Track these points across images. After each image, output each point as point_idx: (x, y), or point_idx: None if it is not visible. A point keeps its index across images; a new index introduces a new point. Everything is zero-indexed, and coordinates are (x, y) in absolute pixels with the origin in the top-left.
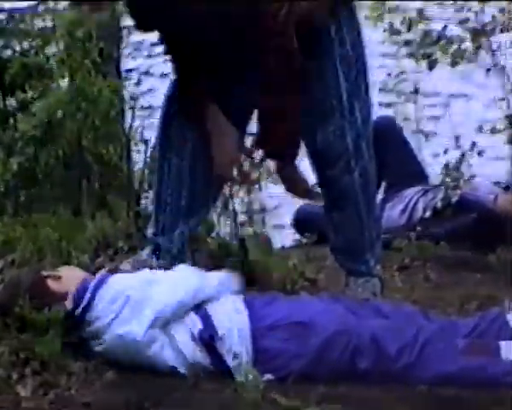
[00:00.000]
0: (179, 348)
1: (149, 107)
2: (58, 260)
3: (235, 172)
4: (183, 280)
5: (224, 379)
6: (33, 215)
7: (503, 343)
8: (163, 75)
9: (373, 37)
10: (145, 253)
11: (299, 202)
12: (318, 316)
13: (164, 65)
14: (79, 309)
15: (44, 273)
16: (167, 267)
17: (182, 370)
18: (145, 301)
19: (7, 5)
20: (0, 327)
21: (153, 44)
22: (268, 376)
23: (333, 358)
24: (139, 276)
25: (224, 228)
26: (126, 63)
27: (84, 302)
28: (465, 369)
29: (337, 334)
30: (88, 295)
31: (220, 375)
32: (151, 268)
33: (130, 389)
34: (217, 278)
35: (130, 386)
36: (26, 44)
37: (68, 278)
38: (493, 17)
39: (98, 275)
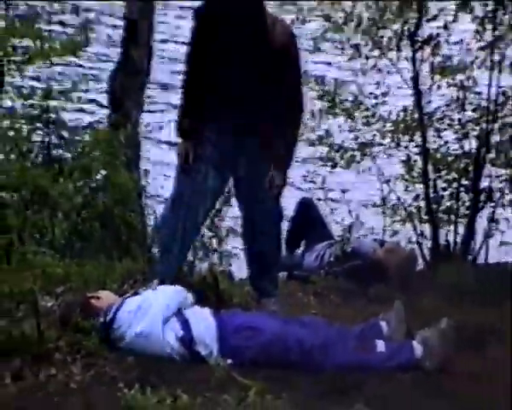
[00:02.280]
0: (170, 343)
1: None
2: (98, 287)
3: None
4: (170, 292)
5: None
6: (84, 259)
7: (378, 342)
8: None
9: None
10: (155, 282)
11: None
12: (263, 324)
13: None
14: (107, 320)
15: (89, 295)
16: None
17: (175, 357)
18: (150, 307)
19: None
20: (61, 329)
21: None
22: (229, 361)
23: (272, 352)
24: (144, 295)
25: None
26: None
27: (110, 316)
28: (355, 360)
29: (275, 336)
30: (113, 310)
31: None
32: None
33: (144, 368)
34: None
35: (144, 366)
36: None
37: (104, 298)
38: (373, 135)
39: (121, 298)
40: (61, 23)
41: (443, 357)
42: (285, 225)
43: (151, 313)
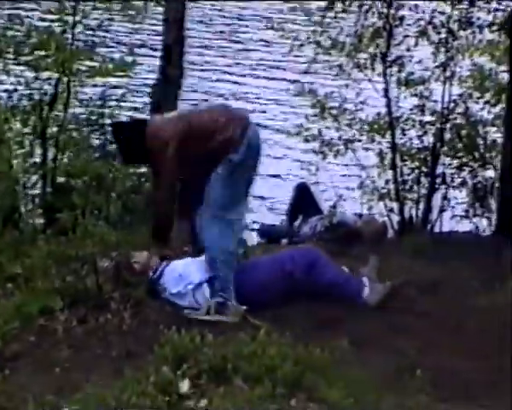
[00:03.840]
0: (198, 300)
1: None
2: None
3: None
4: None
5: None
6: (132, 230)
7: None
8: None
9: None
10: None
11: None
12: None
13: None
14: (155, 277)
15: (132, 260)
16: None
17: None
18: (190, 275)
19: None
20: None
21: None
22: (244, 307)
23: (271, 273)
24: (187, 262)
25: None
26: None
27: (158, 273)
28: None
29: (271, 259)
30: (160, 269)
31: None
32: None
33: (179, 314)
34: None
35: (179, 313)
36: None
37: (142, 262)
38: (354, 134)
39: (164, 263)
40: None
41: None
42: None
43: (187, 280)
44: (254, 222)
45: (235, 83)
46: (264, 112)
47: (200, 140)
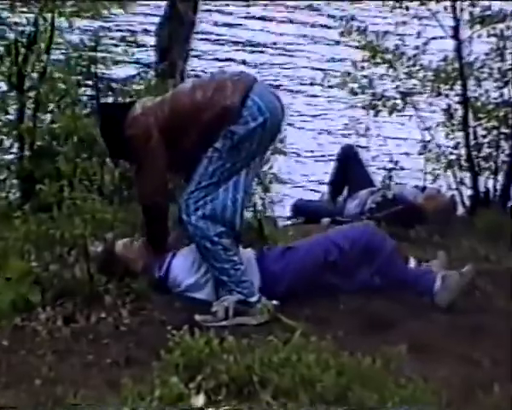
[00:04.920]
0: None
1: None
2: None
3: None
4: None
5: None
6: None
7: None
8: None
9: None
10: None
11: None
12: (300, 243)
13: None
14: (162, 274)
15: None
16: None
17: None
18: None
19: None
20: (109, 273)
21: None
22: (274, 302)
23: (310, 262)
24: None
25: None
26: None
27: (163, 271)
28: (389, 267)
29: (312, 244)
30: (164, 267)
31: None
32: None
33: (191, 312)
34: None
35: (191, 310)
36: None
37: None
38: (414, 85)
39: (170, 254)
40: None
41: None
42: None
43: (205, 266)
44: (286, 197)
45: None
46: (299, 56)
47: (187, 127)
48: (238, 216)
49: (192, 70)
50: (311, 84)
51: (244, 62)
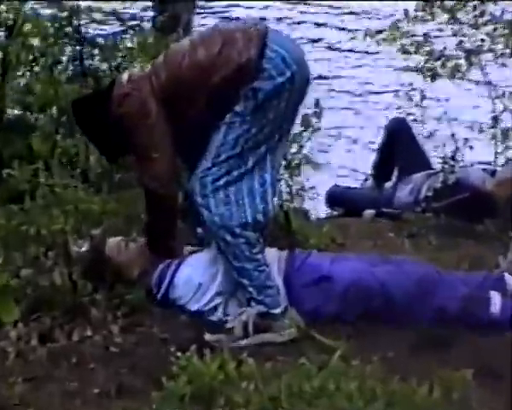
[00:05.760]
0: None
1: None
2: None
3: None
4: None
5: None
6: (124, 194)
7: (493, 295)
8: None
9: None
10: None
11: (330, 184)
12: (339, 270)
13: None
14: (162, 290)
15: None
16: None
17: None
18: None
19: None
20: (97, 279)
21: None
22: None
23: (351, 302)
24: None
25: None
26: None
27: (165, 285)
28: (460, 315)
29: (354, 282)
30: (167, 279)
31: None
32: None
33: (200, 328)
34: None
35: (199, 326)
36: (118, 60)
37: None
38: (482, 40)
39: (172, 266)
40: None
41: None
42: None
43: (212, 290)
44: (320, 183)
45: None
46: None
47: (192, 93)
48: (269, 202)
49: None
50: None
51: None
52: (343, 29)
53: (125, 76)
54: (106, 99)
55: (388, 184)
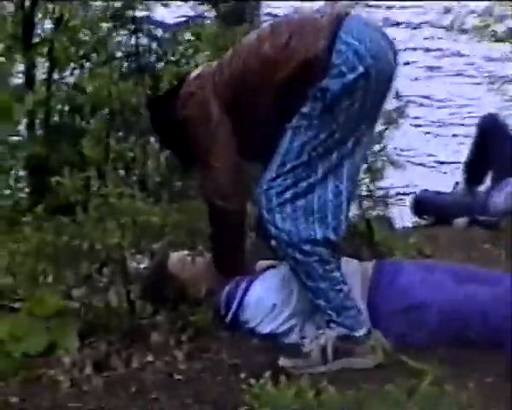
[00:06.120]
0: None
1: None
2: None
3: None
4: None
5: None
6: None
7: None
8: None
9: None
10: None
11: (417, 189)
12: (430, 294)
13: None
14: (232, 311)
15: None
16: None
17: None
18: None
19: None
20: (158, 299)
21: None
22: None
23: (445, 333)
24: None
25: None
26: None
27: (234, 307)
28: None
29: (446, 313)
30: (237, 301)
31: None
32: None
33: (271, 353)
34: None
35: (270, 350)
36: (177, 55)
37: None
38: None
39: (243, 284)
40: None
41: None
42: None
43: (287, 311)
44: (407, 188)
45: None
46: None
47: (257, 93)
48: (342, 218)
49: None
50: None
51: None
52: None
53: (195, 72)
54: (174, 98)
55: (482, 189)
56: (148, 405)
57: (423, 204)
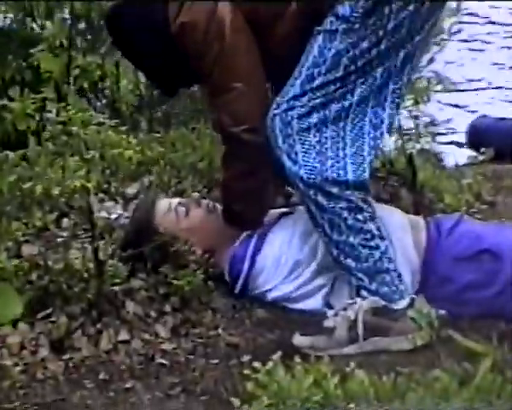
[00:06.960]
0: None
1: None
2: (199, 181)
3: None
4: None
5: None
6: (171, 132)
7: None
8: None
9: None
10: None
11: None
12: (507, 243)
13: None
14: (242, 276)
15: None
16: None
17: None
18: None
19: None
20: (135, 259)
21: None
22: (442, 311)
23: None
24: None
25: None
26: None
27: (246, 267)
28: None
29: None
30: (248, 260)
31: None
32: None
33: (282, 328)
34: None
35: (281, 325)
36: None
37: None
38: None
39: (253, 240)
40: None
41: None
42: None
43: (308, 271)
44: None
45: None
46: None
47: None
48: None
49: None
50: None
51: None
52: None
53: None
54: (159, 3)
55: None
56: (122, 396)
57: (481, 133)
